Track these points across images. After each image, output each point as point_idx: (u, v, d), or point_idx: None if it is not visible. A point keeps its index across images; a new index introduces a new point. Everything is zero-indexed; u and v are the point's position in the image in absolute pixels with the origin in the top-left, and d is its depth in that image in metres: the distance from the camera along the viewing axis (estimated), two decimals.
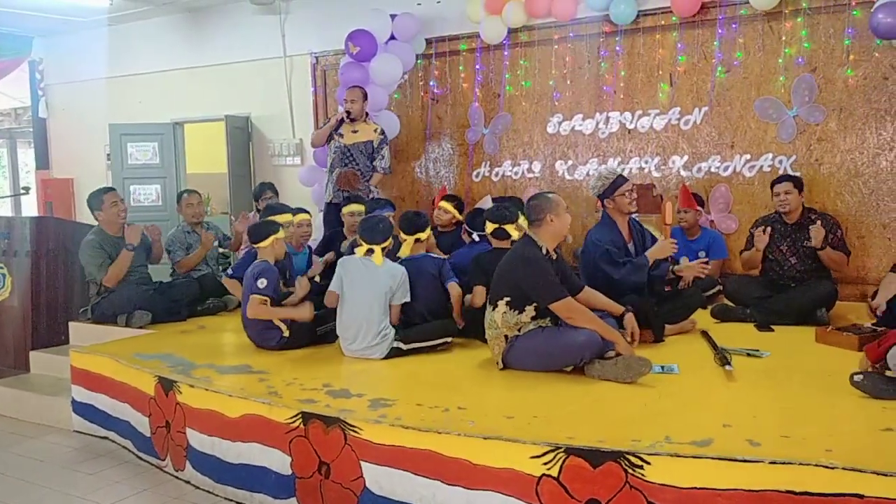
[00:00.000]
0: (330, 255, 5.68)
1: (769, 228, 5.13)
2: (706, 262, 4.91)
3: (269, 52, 8.15)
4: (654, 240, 4.85)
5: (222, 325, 5.54)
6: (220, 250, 6.81)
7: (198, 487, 3.70)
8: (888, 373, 3.32)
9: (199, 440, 3.69)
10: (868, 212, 5.65)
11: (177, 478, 3.84)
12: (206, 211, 6.52)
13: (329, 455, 3.22)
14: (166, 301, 5.63)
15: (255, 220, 5.45)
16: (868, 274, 5.62)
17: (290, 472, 3.35)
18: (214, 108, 8.43)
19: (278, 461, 3.38)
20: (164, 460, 3.95)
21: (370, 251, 4.38)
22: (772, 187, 5.20)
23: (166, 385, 3.90)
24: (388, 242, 4.47)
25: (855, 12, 5.50)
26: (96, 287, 5.49)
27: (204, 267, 6.19)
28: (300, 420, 3.31)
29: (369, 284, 4.31)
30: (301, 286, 4.83)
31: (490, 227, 4.73)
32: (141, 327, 5.33)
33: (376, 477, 3.09)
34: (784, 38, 5.81)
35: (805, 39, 5.72)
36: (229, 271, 5.19)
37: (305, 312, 4.56)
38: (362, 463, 3.12)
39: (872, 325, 4.43)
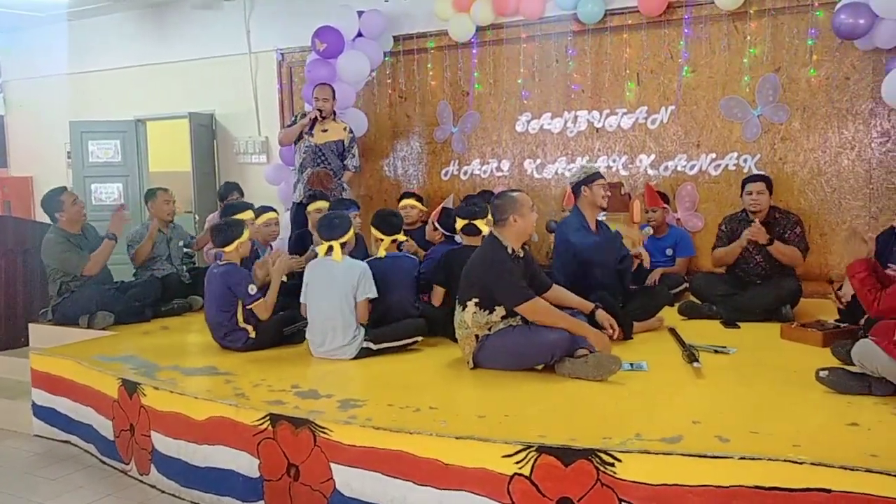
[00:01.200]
0: (311, 254, 5.61)
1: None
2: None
3: (234, 49, 8.05)
4: (619, 236, 4.91)
5: (187, 326, 5.45)
6: (185, 250, 6.70)
7: (163, 492, 3.63)
8: (853, 368, 3.36)
9: (164, 443, 3.62)
10: (830, 210, 5.75)
11: (141, 482, 3.76)
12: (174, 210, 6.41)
13: (298, 457, 3.17)
14: (129, 301, 5.51)
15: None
16: (831, 271, 5.72)
17: (258, 474, 3.30)
18: (178, 105, 8.29)
19: (246, 464, 3.33)
20: (128, 464, 3.87)
21: (330, 248, 4.34)
22: (743, 186, 5.21)
23: (130, 387, 3.82)
24: (348, 237, 4.42)
25: (818, 13, 5.59)
26: (57, 287, 5.37)
27: (168, 266, 6.07)
28: (268, 422, 3.26)
29: (333, 284, 4.26)
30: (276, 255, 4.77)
31: (460, 223, 4.72)
32: (103, 328, 5.22)
33: (347, 478, 3.05)
34: (749, 38, 5.88)
35: (769, 39, 5.80)
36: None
37: (280, 269, 4.59)
38: (332, 464, 3.08)
39: (836, 321, 4.50)
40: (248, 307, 4.42)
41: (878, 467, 2.43)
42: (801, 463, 2.50)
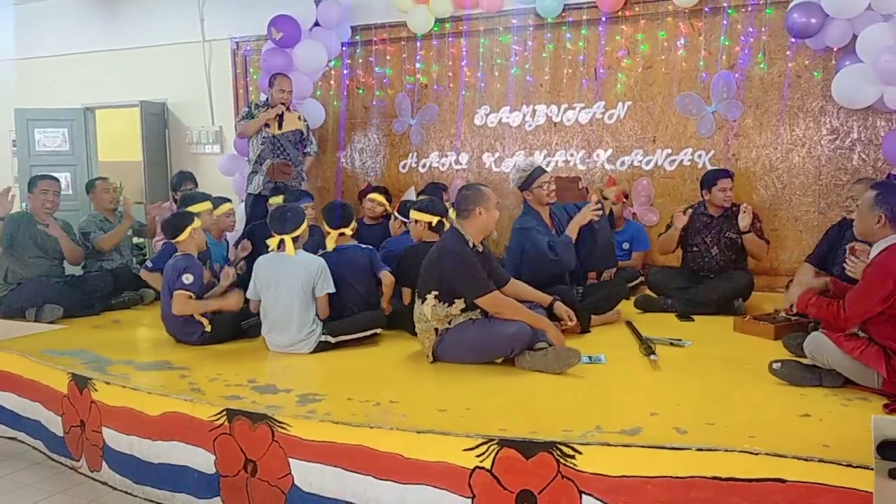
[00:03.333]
0: (245, 243, 5.52)
1: (689, 210, 5.23)
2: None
3: (187, 36, 7.88)
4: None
5: (139, 320, 5.33)
6: (135, 240, 6.56)
7: (115, 488, 3.55)
8: (804, 360, 3.44)
9: (116, 439, 3.53)
10: (781, 205, 5.88)
11: (92, 479, 3.67)
12: (119, 200, 6.27)
13: (255, 452, 3.13)
14: (78, 294, 5.38)
15: (172, 210, 5.27)
16: (781, 265, 5.86)
17: (214, 470, 3.25)
18: (128, 93, 8.08)
19: (202, 460, 3.27)
20: (78, 461, 3.78)
21: (282, 242, 4.28)
22: (713, 181, 5.16)
23: (80, 382, 3.72)
24: (301, 231, 4.36)
25: (768, 11, 5.70)
26: (2, 273, 5.21)
27: (118, 257, 5.95)
28: (225, 417, 3.20)
29: (287, 278, 4.20)
30: (225, 276, 4.67)
31: (433, 219, 4.68)
32: (52, 322, 5.10)
33: (305, 474, 3.02)
34: (704, 36, 5.97)
35: (724, 37, 5.89)
36: (148, 263, 4.99)
37: (233, 301, 4.44)
38: (291, 460, 3.04)
39: (786, 314, 4.60)
40: (174, 291, 4.30)
41: (829, 457, 2.49)
42: (756, 453, 2.55)
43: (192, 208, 4.83)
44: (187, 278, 4.27)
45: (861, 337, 3.30)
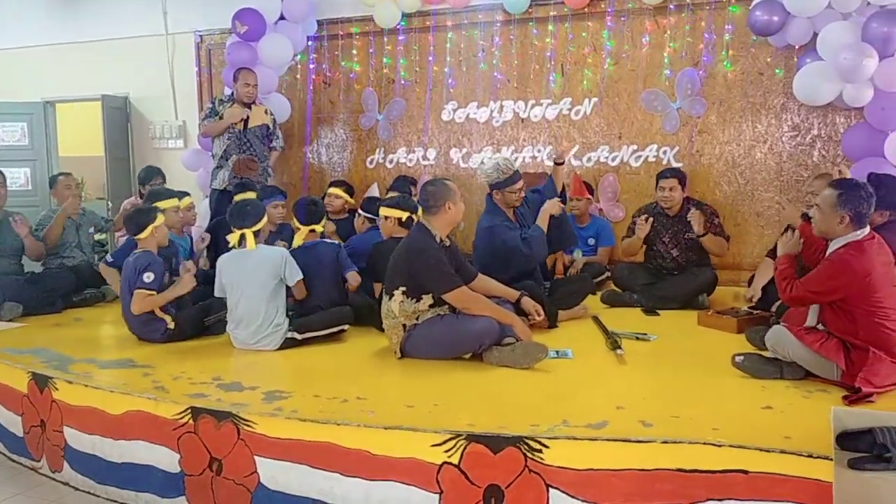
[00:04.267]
0: (204, 234, 5.46)
1: (651, 218, 5.26)
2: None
3: (150, 30, 7.75)
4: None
5: (101, 317, 5.24)
6: (97, 237, 6.44)
7: (77, 489, 3.49)
8: (766, 353, 3.50)
9: (77, 439, 3.48)
10: (744, 201, 5.96)
11: (53, 479, 3.61)
12: (82, 195, 6.16)
13: (221, 451, 3.10)
14: (39, 292, 5.27)
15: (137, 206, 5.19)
16: (744, 260, 5.94)
17: (178, 469, 3.21)
18: (90, 87, 7.92)
19: (166, 459, 3.23)
20: (38, 461, 3.71)
21: (243, 237, 4.24)
22: (657, 181, 5.33)
23: (41, 381, 3.65)
24: (261, 225, 4.34)
25: (733, 9, 5.77)
26: None
27: (79, 254, 5.83)
28: (189, 415, 3.16)
29: (251, 273, 4.16)
30: (184, 270, 4.59)
31: (402, 214, 4.67)
32: (11, 320, 4.99)
33: (272, 472, 3.00)
34: (669, 33, 6.02)
35: (688, 34, 5.95)
36: (108, 258, 4.91)
37: (186, 284, 4.36)
38: (256, 458, 3.02)
39: (749, 307, 4.68)
40: (134, 290, 4.24)
41: (791, 448, 2.54)
42: (720, 445, 2.59)
43: (159, 205, 4.77)
44: (148, 277, 4.21)
45: (821, 330, 3.37)
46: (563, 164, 5.18)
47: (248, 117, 6.03)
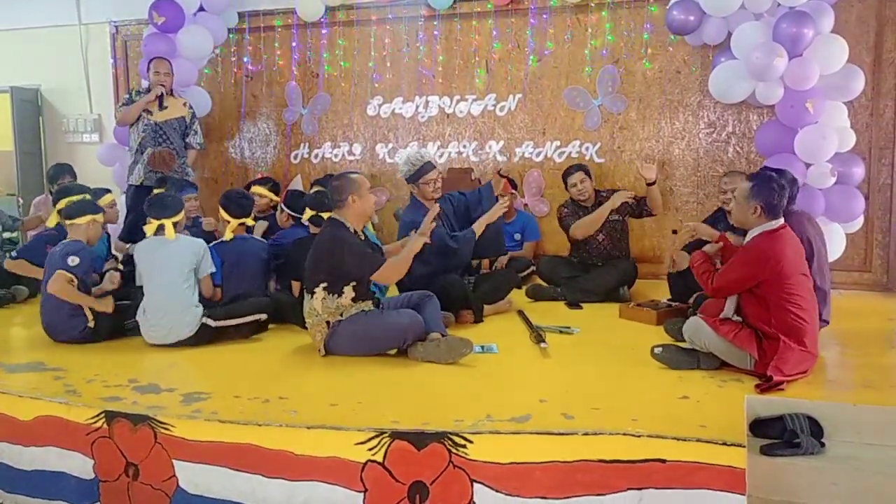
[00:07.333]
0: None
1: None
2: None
3: (63, 19, 7.47)
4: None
5: (9, 319, 5.02)
6: (6, 235, 6.16)
7: None
8: (683, 344, 3.60)
9: None
10: (663, 196, 6.08)
11: None
12: None
13: (137, 455, 3.00)
14: None
15: (48, 205, 5.00)
16: (662, 254, 6.10)
17: (92, 475, 3.10)
18: None
19: (79, 465, 3.12)
20: None
21: (161, 227, 4.18)
22: (564, 180, 5.37)
23: None
24: (180, 217, 4.31)
25: (652, 8, 5.91)
26: None
27: None
28: (103, 420, 3.05)
29: (168, 261, 4.13)
30: (110, 280, 4.43)
31: (308, 213, 4.64)
32: None
33: (191, 475, 2.92)
34: (590, 31, 6.12)
35: (608, 32, 6.07)
36: (13, 253, 4.72)
37: (107, 305, 4.23)
38: (175, 461, 2.94)
39: (668, 300, 4.81)
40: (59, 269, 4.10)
41: (706, 437, 2.62)
42: (638, 436, 2.65)
43: (100, 201, 4.71)
44: (72, 260, 4.10)
45: (735, 321, 3.49)
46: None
47: (162, 94, 5.81)
